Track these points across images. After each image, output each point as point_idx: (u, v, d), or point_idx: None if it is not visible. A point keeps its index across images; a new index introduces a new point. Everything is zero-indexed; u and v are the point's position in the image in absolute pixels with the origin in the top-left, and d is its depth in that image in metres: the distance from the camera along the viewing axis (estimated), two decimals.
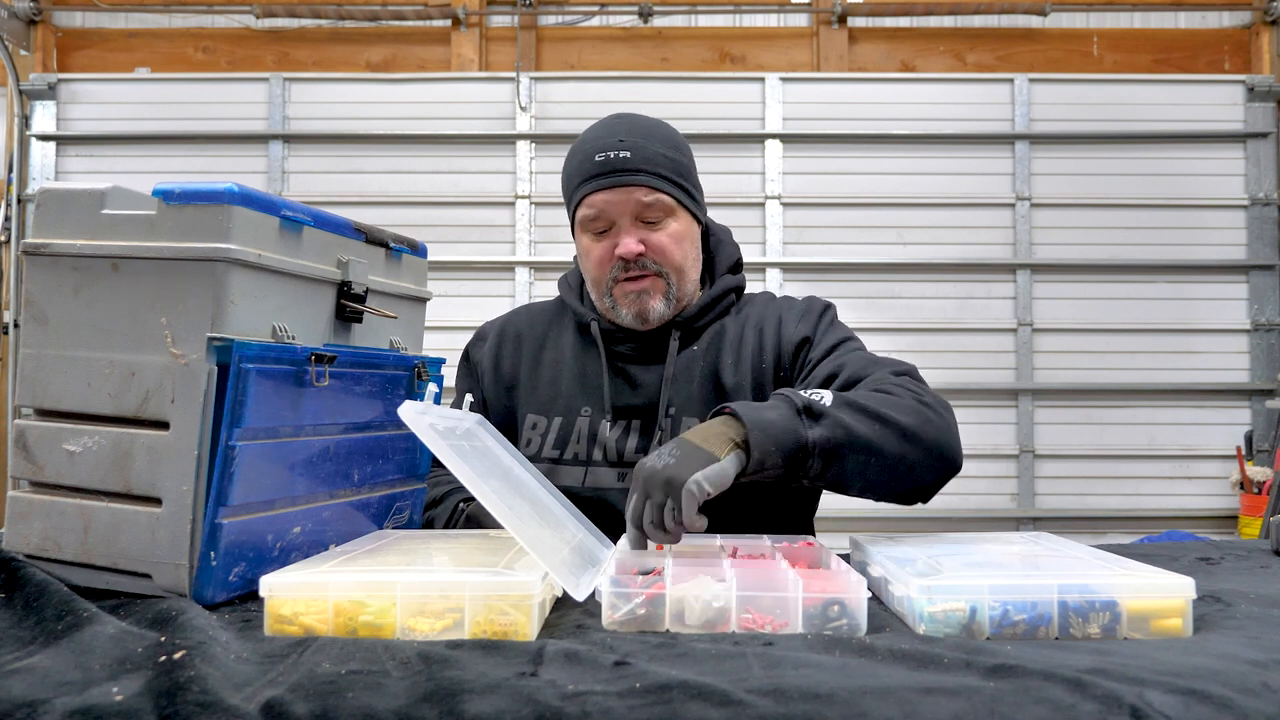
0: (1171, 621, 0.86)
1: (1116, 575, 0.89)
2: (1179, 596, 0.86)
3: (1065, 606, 0.85)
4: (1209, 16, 4.56)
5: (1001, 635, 0.85)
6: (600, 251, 1.42)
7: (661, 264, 1.41)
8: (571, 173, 1.44)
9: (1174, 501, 4.22)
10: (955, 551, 1.06)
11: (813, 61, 4.55)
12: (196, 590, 0.95)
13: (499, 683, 0.70)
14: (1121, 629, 0.85)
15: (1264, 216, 4.27)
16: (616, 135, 1.41)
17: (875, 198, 4.27)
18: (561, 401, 1.45)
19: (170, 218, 0.98)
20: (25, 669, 0.73)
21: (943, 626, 0.85)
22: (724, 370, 1.43)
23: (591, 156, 1.40)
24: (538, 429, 1.45)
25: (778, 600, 0.87)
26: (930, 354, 4.21)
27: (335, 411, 1.12)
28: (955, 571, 0.92)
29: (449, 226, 4.25)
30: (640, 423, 1.42)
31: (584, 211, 1.41)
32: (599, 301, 1.46)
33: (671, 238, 1.41)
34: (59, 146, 4.31)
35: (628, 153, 1.39)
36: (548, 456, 1.43)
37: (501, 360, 1.52)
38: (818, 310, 1.49)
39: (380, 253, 1.26)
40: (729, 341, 1.46)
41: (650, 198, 1.39)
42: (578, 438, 1.43)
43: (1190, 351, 4.25)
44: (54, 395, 1.01)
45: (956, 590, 0.86)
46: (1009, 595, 0.85)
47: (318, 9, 4.45)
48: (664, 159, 1.41)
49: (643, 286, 1.40)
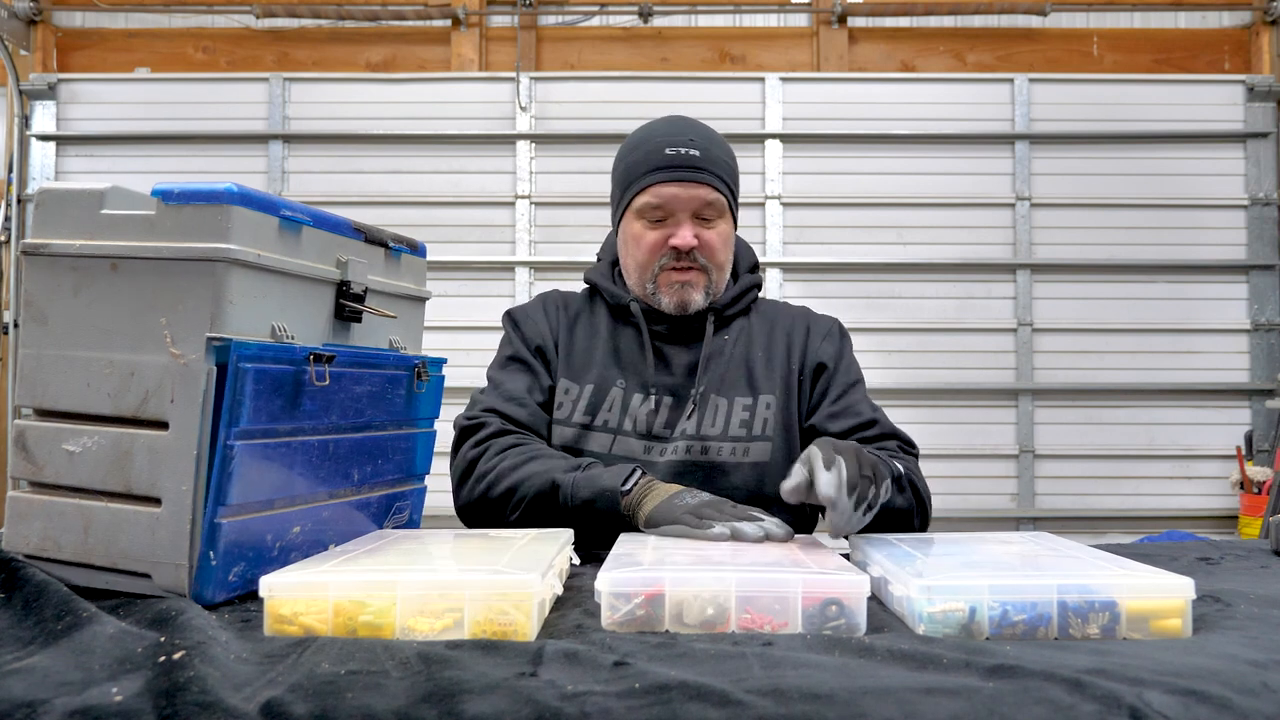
0: (1171, 622, 0.86)
1: (1116, 576, 0.89)
2: (1179, 597, 0.86)
3: (1065, 607, 0.85)
4: (1209, 16, 4.56)
5: (1001, 635, 0.85)
6: (654, 239, 1.48)
7: (708, 260, 1.49)
8: (636, 162, 1.50)
9: (1174, 501, 4.22)
10: (954, 551, 1.06)
11: (813, 61, 4.55)
12: (196, 590, 0.95)
13: (499, 683, 0.70)
14: (1121, 629, 0.85)
15: (1264, 216, 4.27)
16: (686, 134, 1.49)
17: (875, 198, 4.27)
18: (595, 371, 1.52)
19: (170, 218, 0.98)
20: (25, 669, 0.73)
21: (942, 627, 0.85)
22: (755, 362, 1.53)
23: (661, 150, 1.47)
24: (570, 394, 1.51)
25: (777, 600, 0.87)
26: (930, 354, 4.22)
27: (334, 411, 1.12)
28: (954, 572, 0.92)
29: (449, 226, 4.25)
30: (671, 400, 1.50)
31: (645, 199, 1.48)
32: (640, 286, 1.52)
33: (721, 237, 1.50)
34: (59, 146, 4.31)
35: (697, 152, 1.47)
36: (578, 421, 1.49)
37: (551, 327, 1.58)
38: (838, 335, 1.60)
39: (379, 252, 1.26)
40: (758, 336, 1.56)
41: (712, 196, 1.47)
42: (610, 406, 1.49)
43: (1190, 351, 4.25)
44: (54, 395, 1.01)
45: (956, 590, 0.86)
46: (1008, 595, 0.85)
47: (318, 9, 4.45)
48: (725, 164, 1.50)
49: (688, 278, 1.49)
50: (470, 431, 1.44)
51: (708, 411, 1.49)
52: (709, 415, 1.48)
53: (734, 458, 1.47)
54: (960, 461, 4.21)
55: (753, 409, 1.49)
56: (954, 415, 4.23)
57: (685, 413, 1.48)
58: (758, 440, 1.48)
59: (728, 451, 1.47)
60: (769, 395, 1.50)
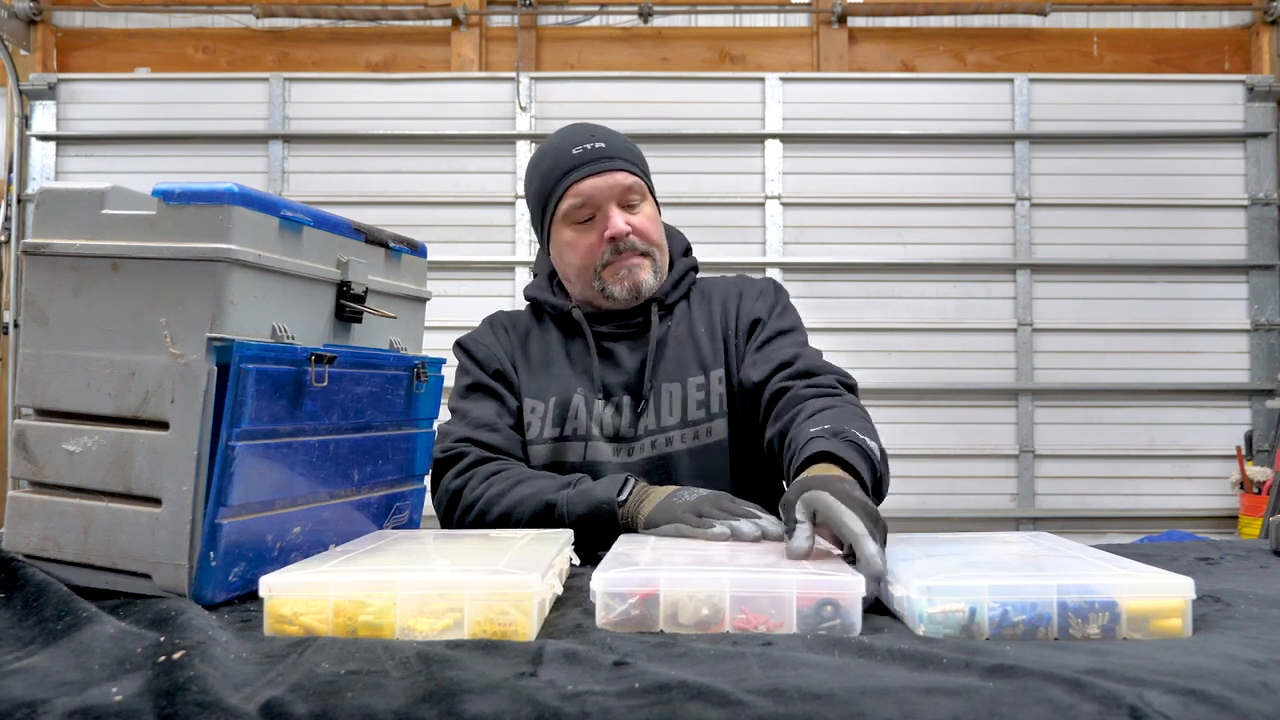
0: (1171, 621, 0.86)
1: (1116, 576, 0.89)
2: (1179, 597, 0.86)
3: (1065, 607, 0.85)
4: (1209, 16, 4.56)
5: (1001, 636, 0.85)
6: (588, 241, 1.50)
7: (646, 243, 1.51)
8: (547, 171, 1.51)
9: (1174, 501, 4.22)
10: (954, 551, 1.06)
11: (813, 61, 4.55)
12: (196, 590, 0.95)
13: (498, 683, 0.70)
14: (1121, 629, 0.85)
15: (1264, 216, 4.27)
16: (588, 132, 1.52)
17: (875, 198, 4.27)
18: (555, 384, 1.52)
19: (170, 218, 0.98)
20: (25, 669, 0.73)
21: (942, 627, 0.85)
22: (700, 339, 1.54)
23: (568, 152, 1.50)
24: (536, 412, 1.51)
25: (772, 600, 0.87)
26: (930, 354, 4.22)
27: (335, 412, 1.12)
28: (954, 572, 0.92)
29: (449, 226, 4.25)
30: (629, 398, 1.51)
31: (569, 202, 1.49)
32: (585, 289, 1.53)
33: (650, 219, 1.52)
34: (59, 146, 4.31)
35: (602, 143, 1.50)
36: (549, 436, 1.49)
37: (506, 348, 1.57)
38: (772, 291, 1.60)
39: (380, 252, 1.26)
40: (698, 315, 1.56)
41: (630, 180, 1.49)
42: (575, 414, 1.49)
43: (1190, 351, 4.25)
44: (54, 395, 1.01)
45: (956, 591, 0.85)
46: (1008, 596, 0.85)
47: (318, 9, 4.45)
48: (632, 150, 1.54)
49: (633, 262, 1.50)
50: (448, 464, 1.43)
51: (663, 402, 1.49)
52: (665, 405, 1.49)
53: (697, 441, 1.48)
54: (960, 461, 4.21)
55: (706, 386, 1.50)
56: (954, 415, 4.23)
57: (639, 409, 1.49)
58: (716, 418, 1.49)
59: (690, 437, 1.48)
60: (718, 369, 1.51)
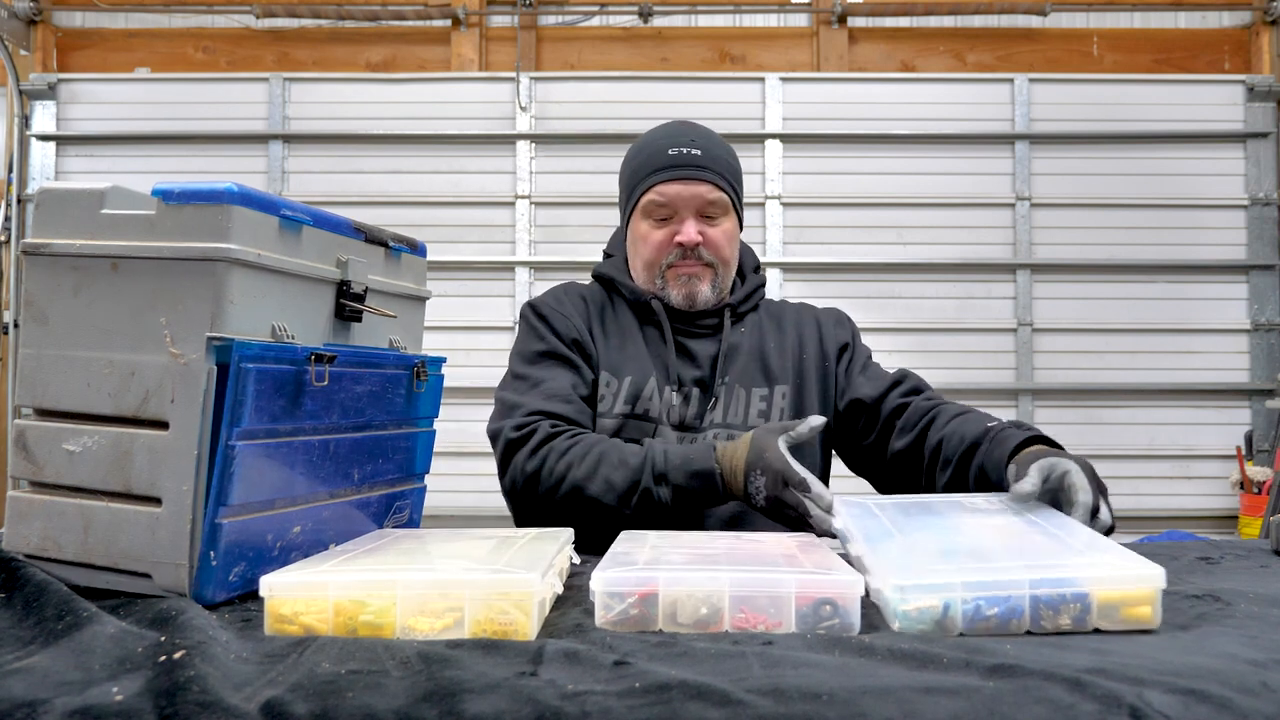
0: (1141, 610, 0.86)
1: (1089, 565, 0.90)
2: (1150, 586, 0.87)
3: (1037, 601, 0.86)
4: (1209, 16, 4.56)
5: (975, 630, 0.86)
6: (660, 237, 1.54)
7: (714, 256, 1.55)
8: (641, 163, 1.56)
9: (1174, 501, 4.22)
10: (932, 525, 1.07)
11: (813, 61, 4.55)
12: (196, 590, 0.95)
13: (499, 682, 0.70)
14: (1092, 619, 0.86)
15: (1264, 216, 4.27)
16: (688, 136, 1.56)
17: (875, 198, 4.27)
18: (631, 364, 1.55)
19: (170, 218, 0.98)
20: (25, 669, 0.73)
21: (916, 623, 0.86)
22: (768, 355, 1.59)
23: (664, 150, 1.54)
24: (610, 387, 1.54)
25: (772, 600, 0.87)
26: (930, 354, 4.21)
27: (335, 411, 1.12)
28: (929, 564, 0.93)
29: (449, 226, 4.25)
30: (698, 392, 1.55)
31: (651, 198, 1.53)
32: (649, 282, 1.58)
33: (725, 234, 1.56)
34: (59, 146, 4.31)
35: (699, 151, 1.53)
36: (620, 412, 1.52)
37: (586, 318, 1.59)
38: (847, 319, 1.69)
39: (380, 252, 1.26)
40: (769, 331, 1.62)
41: (714, 195, 1.53)
42: (650, 395, 1.53)
43: (1190, 351, 4.25)
44: (54, 395, 1.01)
45: (929, 589, 0.87)
46: (982, 592, 0.86)
47: (318, 9, 4.45)
48: (727, 164, 1.57)
49: (694, 272, 1.55)
50: (520, 443, 1.39)
51: (732, 401, 1.54)
52: (733, 405, 1.54)
53: None
54: None
55: (769, 399, 1.55)
56: None
57: (710, 403, 1.54)
58: None
59: None
60: (784, 385, 1.57)
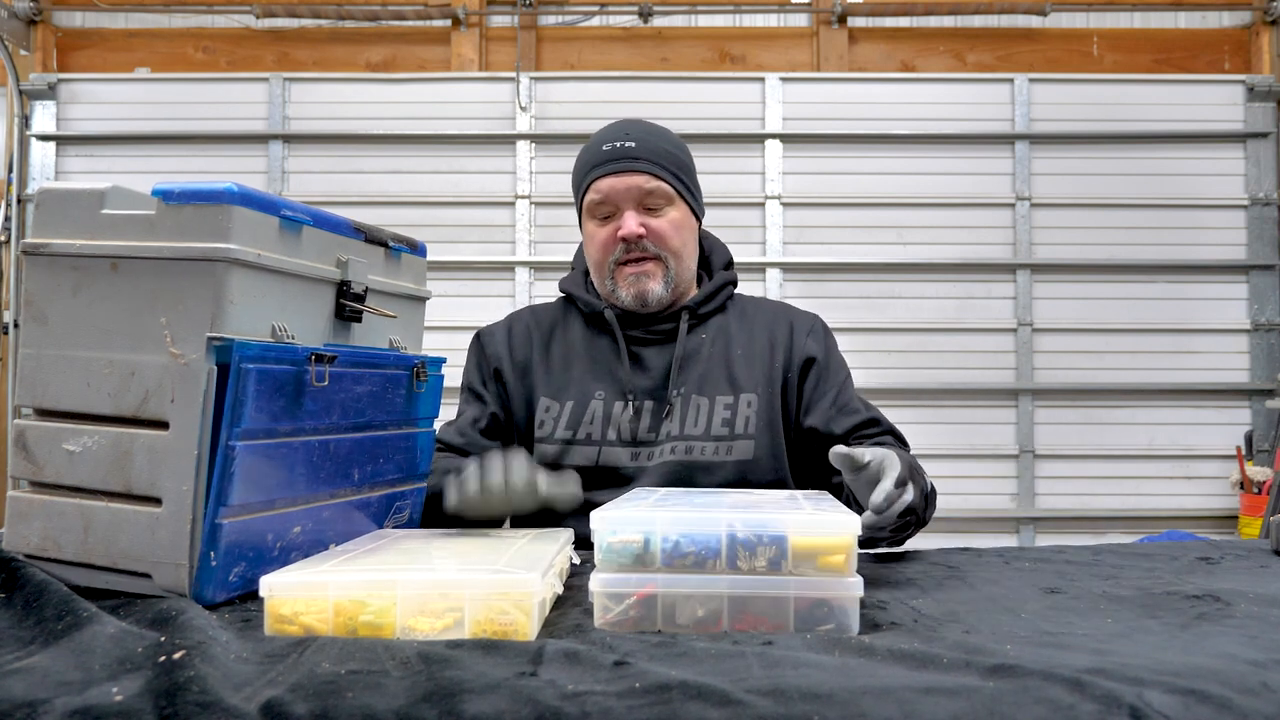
0: (835, 558, 0.89)
1: (786, 513, 0.93)
2: (845, 535, 0.89)
3: (734, 540, 0.89)
4: (1209, 16, 4.56)
5: (674, 566, 0.89)
6: (604, 235, 1.52)
7: (660, 248, 1.51)
8: (581, 164, 1.57)
9: (1174, 501, 4.22)
10: (696, 501, 1.08)
11: (813, 61, 4.55)
12: (196, 590, 0.95)
13: (499, 683, 0.70)
14: (788, 564, 0.88)
15: (1264, 216, 4.27)
16: (623, 130, 1.54)
17: (875, 198, 4.27)
18: (574, 386, 1.53)
19: (170, 218, 0.98)
20: (25, 669, 0.73)
21: (619, 557, 0.89)
22: (735, 361, 1.53)
23: (599, 147, 1.53)
24: (550, 412, 1.52)
25: (770, 601, 0.87)
26: (930, 354, 4.22)
27: (335, 411, 1.12)
28: (641, 508, 0.96)
29: (449, 226, 4.25)
30: (653, 403, 1.51)
31: (591, 197, 1.52)
32: (601, 285, 1.55)
33: (670, 224, 1.52)
34: (59, 146, 4.31)
35: (633, 143, 1.51)
36: (560, 438, 1.50)
37: (514, 348, 1.60)
38: (821, 331, 1.60)
39: (380, 252, 1.26)
40: (737, 334, 1.56)
41: (651, 184, 1.50)
42: (591, 419, 1.50)
43: (1190, 351, 4.25)
44: (54, 395, 1.01)
45: (632, 522, 0.90)
46: (682, 528, 0.89)
47: (318, 9, 4.44)
48: (665, 153, 1.53)
49: (643, 269, 1.51)
50: None
51: (689, 412, 1.50)
52: (690, 415, 1.49)
53: (717, 457, 1.47)
54: (960, 461, 4.21)
55: (734, 407, 1.50)
56: (954, 415, 4.23)
57: (664, 415, 1.50)
58: (740, 439, 1.48)
59: (710, 451, 1.48)
60: (750, 394, 1.51)
